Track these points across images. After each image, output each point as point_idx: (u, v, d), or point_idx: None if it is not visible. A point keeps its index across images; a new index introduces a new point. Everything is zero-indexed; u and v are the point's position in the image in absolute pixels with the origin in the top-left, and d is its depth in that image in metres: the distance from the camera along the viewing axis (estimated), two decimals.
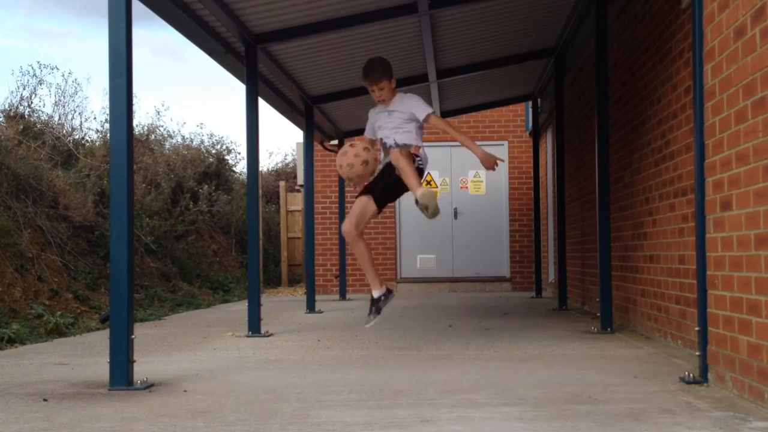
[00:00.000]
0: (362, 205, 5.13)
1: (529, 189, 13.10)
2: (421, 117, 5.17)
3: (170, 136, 15.44)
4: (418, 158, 5.13)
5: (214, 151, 16.17)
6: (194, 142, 16.01)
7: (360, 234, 5.10)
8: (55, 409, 3.54)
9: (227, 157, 16.70)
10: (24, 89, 11.17)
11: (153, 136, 14.72)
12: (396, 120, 5.17)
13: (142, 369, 4.47)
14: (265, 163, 22.63)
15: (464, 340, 5.95)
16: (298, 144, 16.35)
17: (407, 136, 5.15)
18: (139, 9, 4.68)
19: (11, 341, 6.23)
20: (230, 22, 6.10)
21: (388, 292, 5.18)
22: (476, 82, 10.06)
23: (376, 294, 5.15)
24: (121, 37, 4.04)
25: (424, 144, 5.35)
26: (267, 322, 7.49)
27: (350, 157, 5.01)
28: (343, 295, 11.68)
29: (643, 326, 6.16)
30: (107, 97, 4.32)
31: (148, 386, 4.04)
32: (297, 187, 16.74)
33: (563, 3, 7.40)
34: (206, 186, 14.39)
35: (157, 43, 45.30)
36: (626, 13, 6.59)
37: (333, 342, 6.04)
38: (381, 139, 5.29)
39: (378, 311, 5.14)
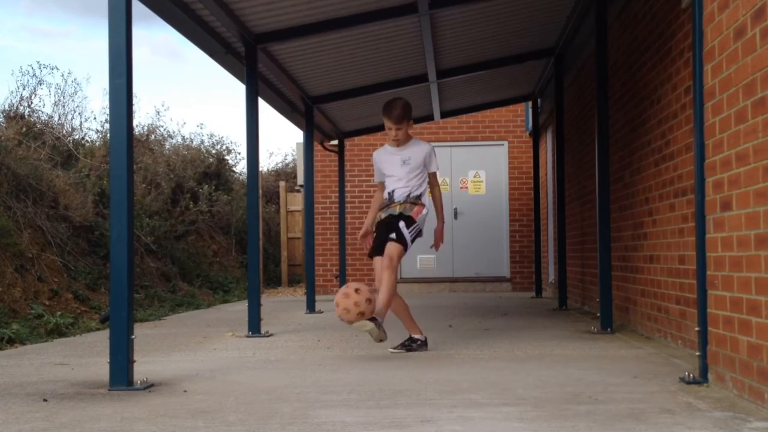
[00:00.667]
0: (380, 265, 5.40)
1: (529, 189, 13.10)
2: (431, 170, 5.51)
3: (170, 137, 15.46)
4: (416, 223, 5.39)
5: (214, 152, 16.18)
6: (194, 143, 16.04)
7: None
8: (55, 409, 3.53)
9: (227, 157, 16.72)
10: (24, 89, 11.19)
11: (153, 136, 14.73)
12: (411, 172, 5.40)
13: (142, 369, 4.47)
14: (265, 163, 22.68)
15: (464, 340, 5.96)
16: (298, 144, 16.36)
17: (418, 189, 5.41)
18: (139, 9, 4.68)
19: (11, 341, 6.23)
20: (230, 22, 6.10)
21: (425, 342, 5.47)
22: (476, 82, 10.06)
23: (415, 336, 5.46)
24: (121, 37, 4.04)
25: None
26: (267, 322, 7.49)
27: (354, 306, 5.03)
28: None
29: (643, 326, 6.16)
30: (107, 97, 4.32)
31: (148, 386, 4.04)
32: (297, 187, 16.75)
33: (563, 3, 7.40)
34: (206, 186, 14.39)
35: (157, 43, 45.35)
36: (626, 13, 6.59)
37: (333, 342, 6.05)
38: (392, 191, 5.43)
39: (408, 349, 5.39)
